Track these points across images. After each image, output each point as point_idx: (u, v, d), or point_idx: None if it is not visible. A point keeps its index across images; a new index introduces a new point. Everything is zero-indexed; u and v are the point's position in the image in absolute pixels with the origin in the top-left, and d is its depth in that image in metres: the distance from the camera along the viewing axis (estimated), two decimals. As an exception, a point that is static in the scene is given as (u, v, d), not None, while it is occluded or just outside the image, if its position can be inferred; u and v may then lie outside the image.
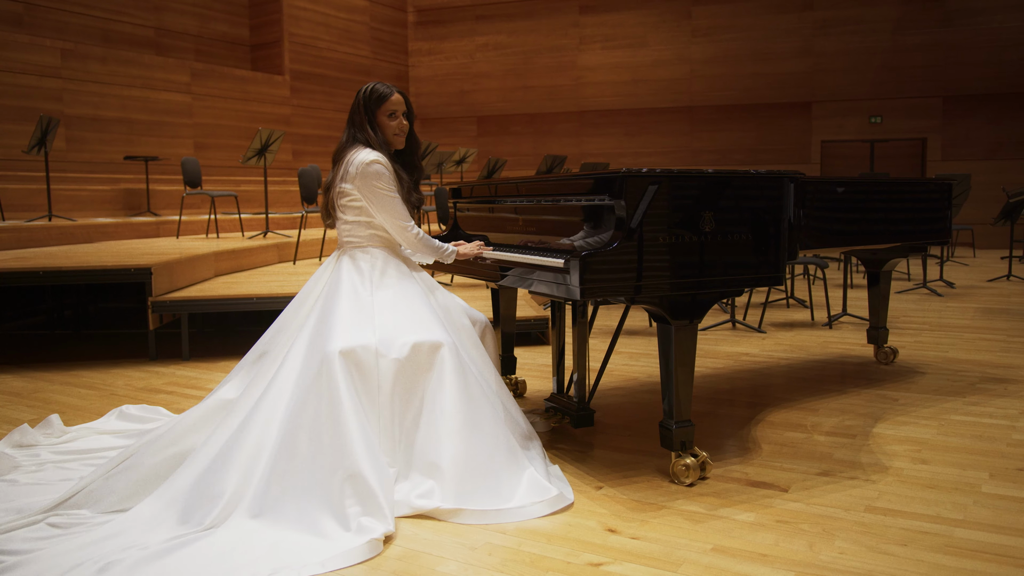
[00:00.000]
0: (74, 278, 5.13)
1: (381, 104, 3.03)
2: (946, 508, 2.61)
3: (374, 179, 2.92)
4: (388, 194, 2.95)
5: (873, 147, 13.89)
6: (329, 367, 2.63)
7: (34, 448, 3.18)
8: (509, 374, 4.08)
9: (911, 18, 13.34)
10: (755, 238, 2.94)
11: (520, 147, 15.39)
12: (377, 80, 3.11)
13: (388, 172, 2.96)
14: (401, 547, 2.38)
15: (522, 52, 15.42)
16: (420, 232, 3.05)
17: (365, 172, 2.92)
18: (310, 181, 7.85)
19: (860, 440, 3.33)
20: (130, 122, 10.66)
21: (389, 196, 2.95)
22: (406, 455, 2.70)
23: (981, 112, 13.16)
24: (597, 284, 2.63)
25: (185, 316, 5.27)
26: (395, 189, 2.98)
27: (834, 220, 3.68)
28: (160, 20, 12.16)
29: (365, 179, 2.92)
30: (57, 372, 4.92)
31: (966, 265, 10.41)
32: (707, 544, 2.36)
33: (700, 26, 14.37)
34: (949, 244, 10.90)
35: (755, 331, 5.92)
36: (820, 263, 6.18)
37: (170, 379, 4.71)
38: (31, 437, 3.26)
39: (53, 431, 3.37)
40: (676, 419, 2.86)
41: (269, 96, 13.01)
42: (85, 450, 3.16)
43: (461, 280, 7.01)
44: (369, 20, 15.04)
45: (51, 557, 2.22)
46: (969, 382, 4.27)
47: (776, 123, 14.09)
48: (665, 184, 2.73)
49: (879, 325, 4.70)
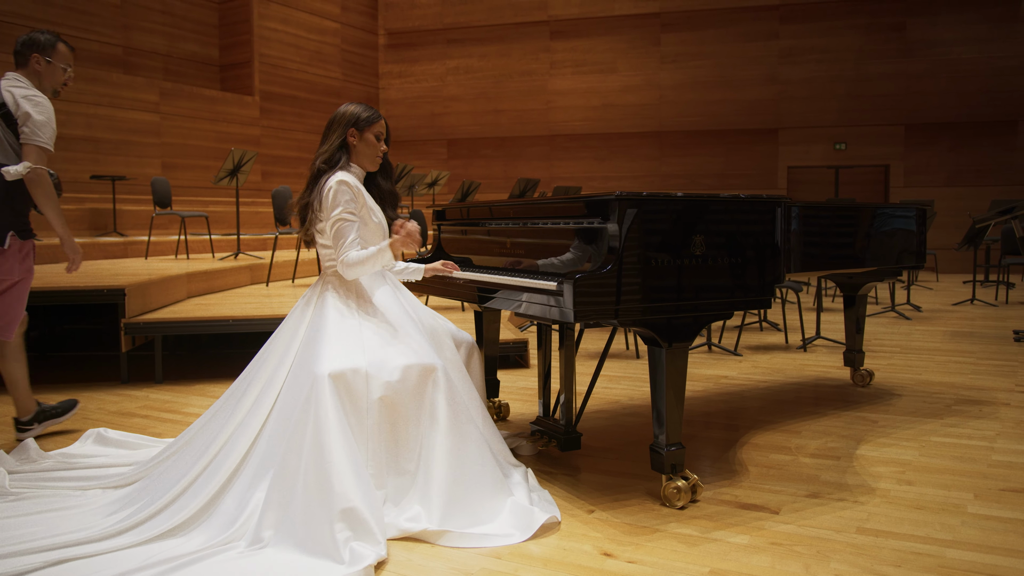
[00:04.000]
0: (44, 299, 5.01)
1: (370, 125, 3.01)
2: (935, 529, 2.63)
3: (329, 195, 2.87)
4: (335, 214, 2.87)
5: (838, 173, 14.17)
6: (318, 390, 2.60)
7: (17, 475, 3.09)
8: (492, 397, 4.05)
9: (873, 48, 13.69)
10: (746, 261, 2.96)
11: (491, 170, 15.44)
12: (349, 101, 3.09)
13: (351, 192, 2.91)
14: (394, 573, 2.34)
15: (493, 76, 15.51)
16: (346, 256, 2.86)
17: (324, 188, 2.88)
18: (283, 203, 7.79)
19: (845, 462, 3.35)
20: (96, 141, 10.50)
21: (337, 217, 2.87)
22: (395, 478, 2.67)
23: (941, 140, 13.51)
24: (590, 307, 2.63)
25: (159, 338, 5.17)
26: (354, 212, 2.90)
27: (820, 244, 3.73)
28: (128, 39, 12.03)
29: (324, 197, 2.88)
30: (25, 395, 4.78)
31: (930, 289, 10.63)
32: (704, 567, 2.36)
33: (668, 52, 14.59)
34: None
35: (731, 354, 5.96)
36: (795, 286, 6.26)
37: (144, 402, 4.60)
38: (7, 464, 3.17)
39: (29, 455, 3.27)
40: (667, 442, 2.86)
41: (239, 116, 12.91)
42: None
43: (436, 301, 6.98)
44: (340, 42, 15.04)
45: None
46: (945, 404, 4.34)
47: (743, 148, 14.32)
48: (657, 208, 2.74)
49: (855, 348, 4.76)
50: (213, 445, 2.74)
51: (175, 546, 2.43)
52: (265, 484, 2.57)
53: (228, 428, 2.77)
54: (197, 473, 2.69)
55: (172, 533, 2.50)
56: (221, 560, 2.36)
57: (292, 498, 2.48)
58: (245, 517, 2.52)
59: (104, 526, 2.54)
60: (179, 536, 2.50)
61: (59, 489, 2.96)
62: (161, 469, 2.89)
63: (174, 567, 2.28)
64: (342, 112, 3.02)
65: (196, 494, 2.61)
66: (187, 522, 2.53)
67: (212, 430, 2.85)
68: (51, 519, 2.67)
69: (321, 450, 2.51)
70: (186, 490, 2.64)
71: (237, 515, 2.53)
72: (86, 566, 2.30)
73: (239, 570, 2.30)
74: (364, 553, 2.33)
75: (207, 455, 2.72)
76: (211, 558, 2.36)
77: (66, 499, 2.87)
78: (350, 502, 2.43)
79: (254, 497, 2.56)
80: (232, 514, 2.54)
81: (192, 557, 2.35)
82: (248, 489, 2.59)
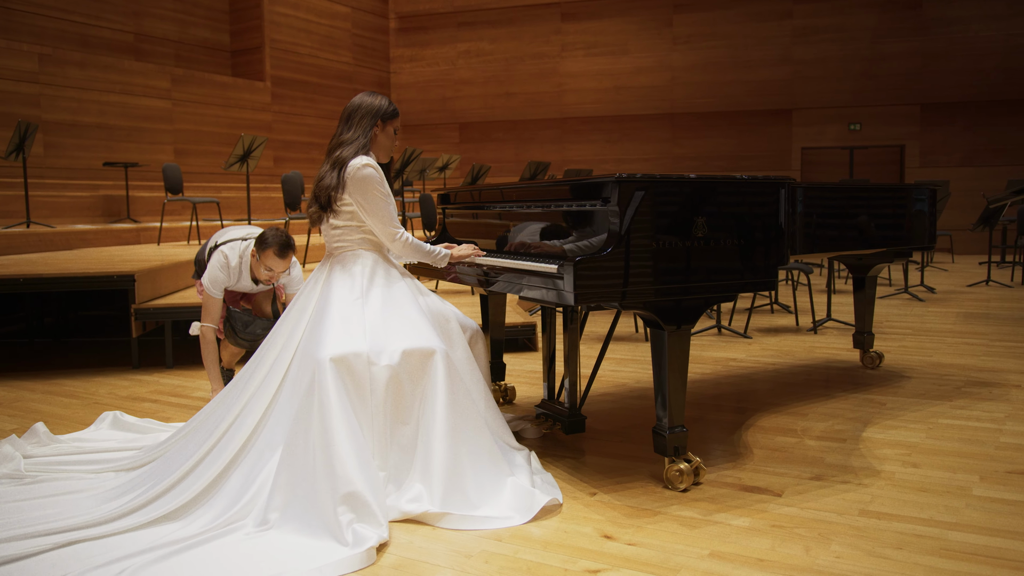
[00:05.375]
0: (56, 285, 5.05)
1: (394, 119, 3.07)
2: (939, 511, 2.62)
3: (370, 182, 2.91)
4: (382, 197, 2.94)
5: (852, 154, 14.02)
6: (320, 374, 2.63)
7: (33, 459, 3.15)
8: (498, 380, 4.06)
9: (889, 27, 13.50)
10: (748, 243, 2.94)
11: (502, 154, 15.39)
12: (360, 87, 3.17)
13: (381, 175, 2.96)
14: (395, 555, 2.36)
15: (504, 59, 15.44)
16: (409, 237, 3.03)
17: (359, 175, 2.90)
18: (294, 188, 7.81)
19: (850, 444, 3.34)
20: (109, 128, 10.55)
21: (383, 199, 2.95)
22: (396, 460, 2.70)
23: (958, 119, 13.33)
24: (590, 289, 2.62)
25: (169, 323, 5.21)
26: (388, 191, 2.99)
27: (825, 225, 3.70)
28: (140, 25, 12.05)
29: (360, 183, 2.90)
30: (38, 381, 4.84)
31: (945, 270, 10.53)
32: (704, 549, 2.36)
33: (681, 34, 14.46)
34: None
35: (741, 336, 5.94)
36: (805, 268, 6.22)
37: (154, 387, 4.64)
38: (23, 448, 3.22)
39: (40, 439, 3.32)
40: (669, 424, 2.85)
41: (250, 102, 12.92)
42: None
43: (446, 286, 6.99)
44: (351, 27, 15.00)
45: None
46: (955, 386, 4.31)
47: (757, 130, 14.20)
48: (658, 189, 2.73)
49: (865, 330, 4.73)
50: (220, 426, 2.79)
51: (176, 529, 2.47)
52: (272, 463, 2.61)
53: (235, 409, 2.81)
54: (203, 454, 2.73)
55: (172, 516, 2.53)
56: (226, 542, 2.39)
57: (298, 481, 2.52)
58: (251, 495, 2.56)
59: (106, 510, 2.57)
60: (180, 519, 2.53)
61: (72, 473, 3.00)
62: (171, 452, 2.92)
63: (177, 550, 2.31)
64: (369, 102, 3.02)
65: (200, 475, 2.65)
66: (189, 504, 2.57)
67: (219, 414, 2.89)
68: (62, 502, 2.71)
69: (324, 434, 2.55)
70: (190, 472, 2.68)
71: (242, 493, 2.57)
72: (87, 549, 2.34)
73: (244, 552, 2.33)
74: (367, 535, 2.35)
75: (213, 436, 2.76)
76: (216, 540, 2.39)
77: (78, 482, 2.92)
78: (352, 486, 2.46)
79: (260, 475, 2.60)
80: (237, 492, 2.58)
81: (196, 539, 2.38)
82: (253, 468, 2.63)
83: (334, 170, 2.96)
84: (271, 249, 3.80)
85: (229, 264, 3.96)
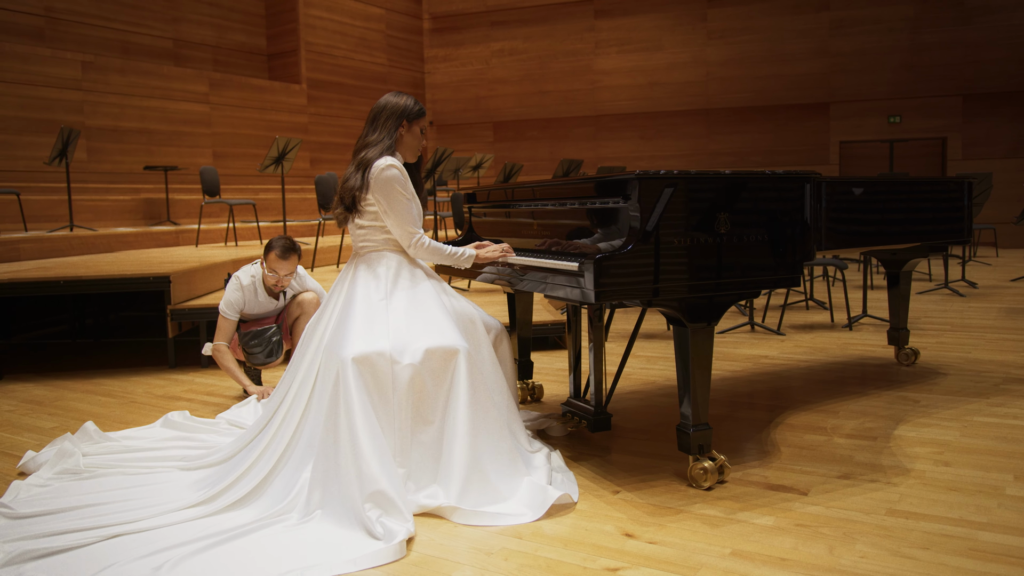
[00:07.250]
0: (94, 287, 5.17)
1: (420, 118, 3.10)
2: (969, 511, 2.57)
3: (393, 183, 2.93)
4: (404, 198, 2.97)
5: (892, 147, 13.76)
6: (343, 373, 2.68)
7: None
8: (526, 379, 4.07)
9: (928, 16, 13.22)
10: (772, 239, 2.91)
11: (536, 152, 15.39)
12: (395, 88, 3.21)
13: (404, 176, 2.98)
14: (416, 552, 2.38)
15: (537, 57, 15.43)
16: (426, 240, 3.04)
17: (383, 176, 2.93)
18: (327, 189, 7.89)
19: (881, 442, 3.29)
20: (149, 132, 10.76)
21: (405, 200, 2.97)
22: (417, 458, 2.75)
23: (1001, 110, 13.01)
24: (612, 287, 2.62)
25: (204, 324, 5.30)
26: (412, 192, 3.01)
27: (852, 220, 3.64)
28: (178, 31, 12.27)
29: (383, 184, 2.93)
30: (78, 380, 4.97)
31: (988, 265, 10.29)
32: (725, 548, 2.34)
33: (715, 28, 14.31)
34: (971, 244, 10.77)
35: (774, 333, 5.87)
36: (839, 264, 6.13)
37: (189, 387, 4.73)
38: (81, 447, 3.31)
39: (91, 437, 3.41)
40: (694, 422, 2.84)
41: (286, 105, 13.09)
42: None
43: (477, 285, 7.02)
44: (385, 28, 15.11)
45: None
46: (992, 383, 4.22)
47: (794, 124, 14.00)
48: (680, 186, 2.71)
49: (899, 326, 4.65)
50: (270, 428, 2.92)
51: (232, 518, 2.61)
52: (310, 465, 2.71)
53: (279, 415, 2.92)
54: (255, 459, 2.85)
55: (235, 506, 2.69)
56: (275, 531, 2.51)
57: (330, 478, 2.62)
58: (294, 495, 2.66)
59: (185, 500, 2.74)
60: (240, 508, 2.68)
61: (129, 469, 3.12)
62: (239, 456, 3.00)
63: (216, 542, 2.42)
64: (394, 103, 3.05)
65: (254, 478, 2.78)
66: (245, 498, 2.71)
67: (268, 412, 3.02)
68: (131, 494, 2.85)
69: (350, 432, 2.63)
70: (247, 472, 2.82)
71: (286, 494, 2.68)
72: (130, 542, 2.44)
73: (283, 542, 2.44)
74: (396, 529, 2.42)
75: (262, 443, 2.89)
76: (265, 528, 2.52)
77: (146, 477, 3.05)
78: (377, 484, 2.53)
79: (300, 478, 2.70)
80: (281, 493, 2.70)
81: (248, 528, 2.51)
82: (295, 472, 2.74)
83: (359, 171, 2.99)
84: (274, 252, 4.07)
85: (242, 284, 4.24)
